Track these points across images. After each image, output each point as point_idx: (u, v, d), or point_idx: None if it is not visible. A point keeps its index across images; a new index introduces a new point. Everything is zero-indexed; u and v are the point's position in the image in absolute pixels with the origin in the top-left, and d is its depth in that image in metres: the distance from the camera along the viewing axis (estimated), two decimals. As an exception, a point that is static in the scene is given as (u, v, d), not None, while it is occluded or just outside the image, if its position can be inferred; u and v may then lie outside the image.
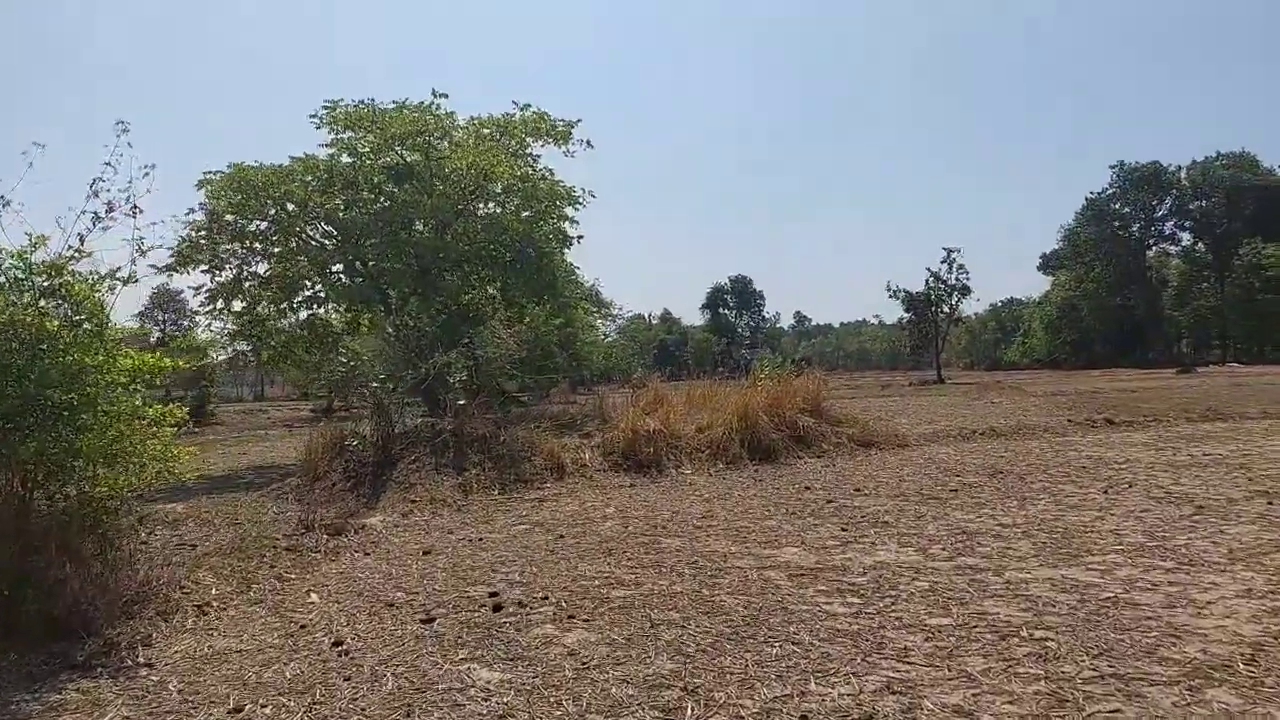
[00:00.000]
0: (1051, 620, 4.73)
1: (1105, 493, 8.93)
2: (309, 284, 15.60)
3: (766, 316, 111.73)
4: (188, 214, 15.20)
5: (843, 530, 7.61)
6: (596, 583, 6.05)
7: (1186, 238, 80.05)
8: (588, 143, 17.58)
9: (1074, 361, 73.39)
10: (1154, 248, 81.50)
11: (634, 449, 11.91)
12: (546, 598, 5.69)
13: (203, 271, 15.20)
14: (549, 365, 31.64)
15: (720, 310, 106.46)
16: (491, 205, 17.06)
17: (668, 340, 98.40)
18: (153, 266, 15.08)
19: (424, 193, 15.76)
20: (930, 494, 9.32)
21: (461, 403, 11.64)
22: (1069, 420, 16.71)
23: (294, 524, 8.28)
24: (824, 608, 5.19)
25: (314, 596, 6.03)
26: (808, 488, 10.10)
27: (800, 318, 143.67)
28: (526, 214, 16.60)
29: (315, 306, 15.99)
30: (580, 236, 18.27)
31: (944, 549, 6.69)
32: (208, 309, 15.96)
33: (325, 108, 15.95)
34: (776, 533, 7.62)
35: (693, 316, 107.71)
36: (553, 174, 17.26)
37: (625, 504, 9.50)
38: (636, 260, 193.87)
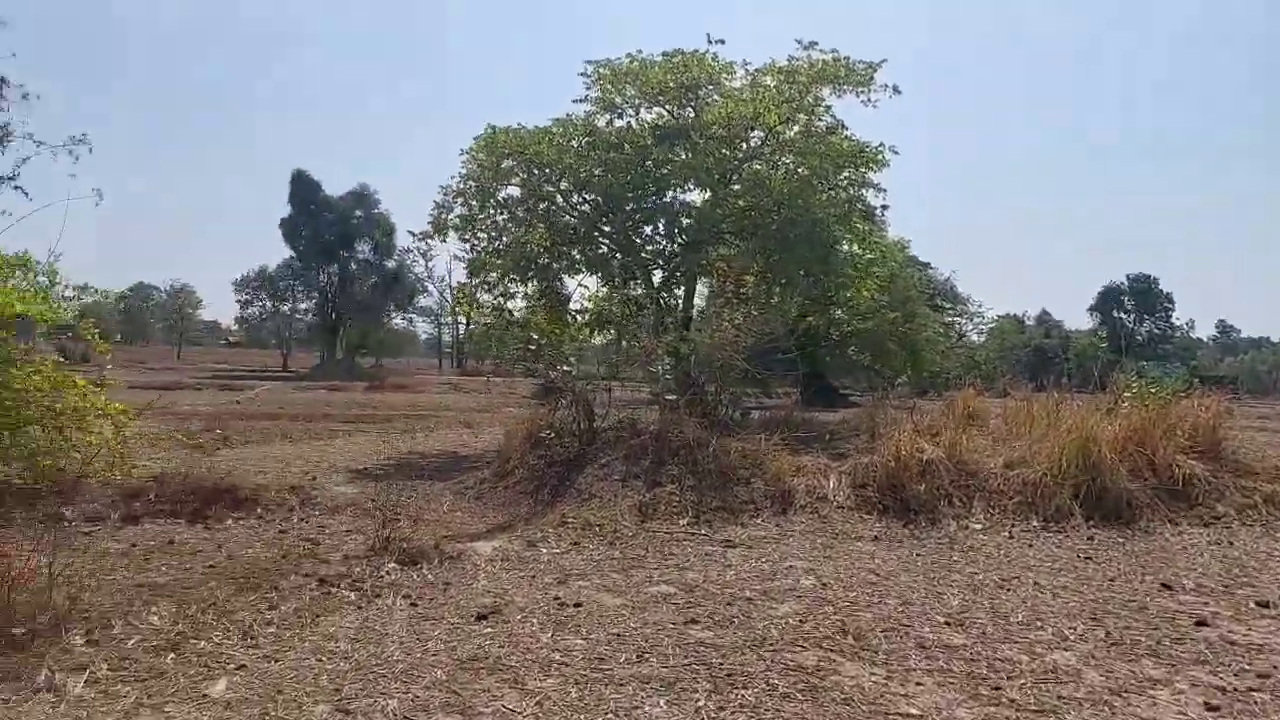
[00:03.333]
0: None
1: None
2: (551, 255, 13.97)
3: (1176, 324, 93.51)
4: (458, 180, 14.39)
5: (1209, 710, 3.79)
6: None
7: None
8: (894, 89, 13.97)
9: None
10: None
11: (898, 483, 8.42)
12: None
13: (462, 240, 14.40)
14: (883, 364, 27.83)
15: (1115, 313, 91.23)
16: (757, 165, 14.18)
17: (1045, 345, 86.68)
18: (410, 232, 14.53)
19: (693, 152, 13.38)
20: None
21: (671, 398, 9.08)
22: None
23: (364, 543, 6.32)
24: None
25: (221, 686, 3.83)
26: (1167, 585, 6.00)
27: (1224, 328, 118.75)
28: (803, 172, 13.48)
29: (547, 280, 14.37)
30: (885, 206, 14.66)
31: None
32: (476, 282, 15.12)
33: (590, 63, 14.26)
34: (1068, 691, 4.03)
35: (1078, 319, 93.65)
36: (844, 126, 13.97)
37: (839, 574, 6.24)
38: (1012, 252, 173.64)
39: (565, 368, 9.23)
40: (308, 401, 24.22)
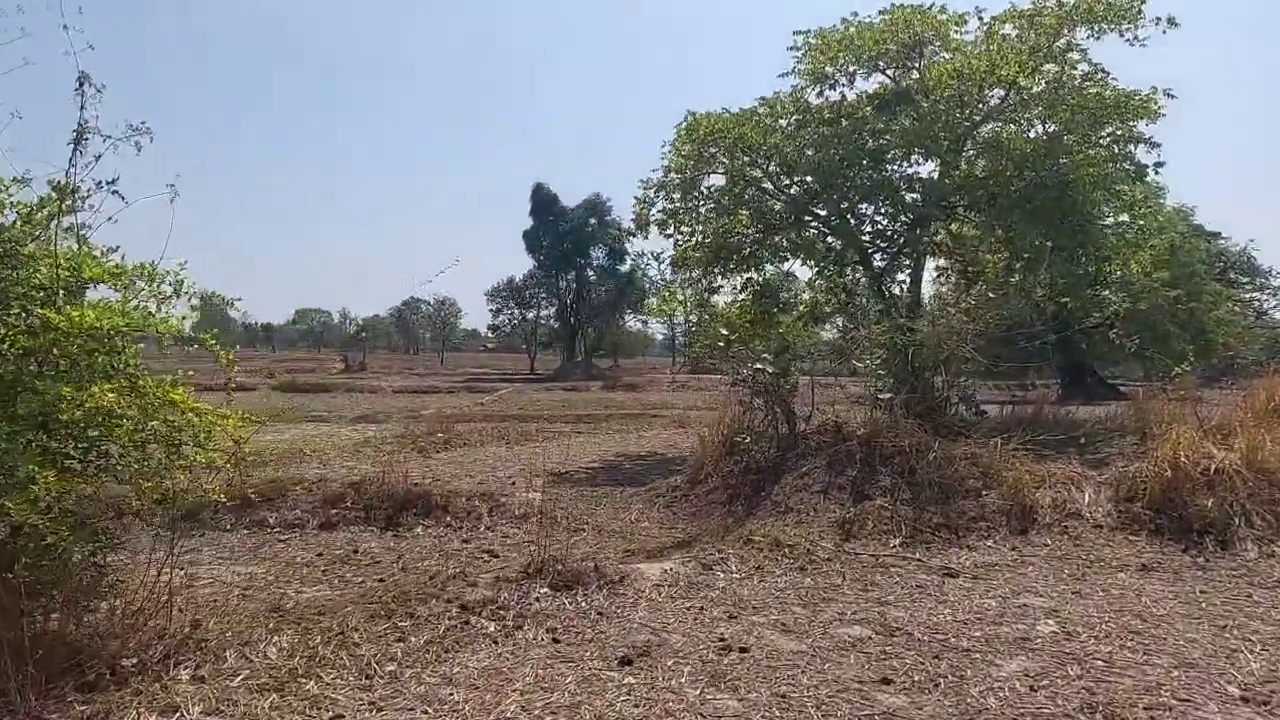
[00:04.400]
0: None
1: None
2: (756, 243, 13.03)
3: None
4: (660, 173, 13.87)
5: None
6: None
7: None
8: (1169, 21, 11.57)
9: None
10: None
11: (1175, 496, 6.75)
12: None
13: (666, 235, 13.87)
14: (1160, 349, 24.25)
15: None
16: (995, 126, 12.29)
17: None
18: (615, 231, 14.27)
19: (919, 118, 11.91)
20: None
21: (887, 395, 7.93)
22: None
23: (519, 567, 5.83)
24: None
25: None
26: None
27: None
28: (1052, 129, 11.46)
29: (749, 269, 13.39)
30: (1160, 163, 12.22)
31: None
32: (680, 278, 14.62)
33: (799, 33, 13.10)
34: None
35: None
36: (1104, 72, 11.74)
37: (1091, 616, 4.92)
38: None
39: (758, 365, 8.35)
40: (543, 402, 25.07)
